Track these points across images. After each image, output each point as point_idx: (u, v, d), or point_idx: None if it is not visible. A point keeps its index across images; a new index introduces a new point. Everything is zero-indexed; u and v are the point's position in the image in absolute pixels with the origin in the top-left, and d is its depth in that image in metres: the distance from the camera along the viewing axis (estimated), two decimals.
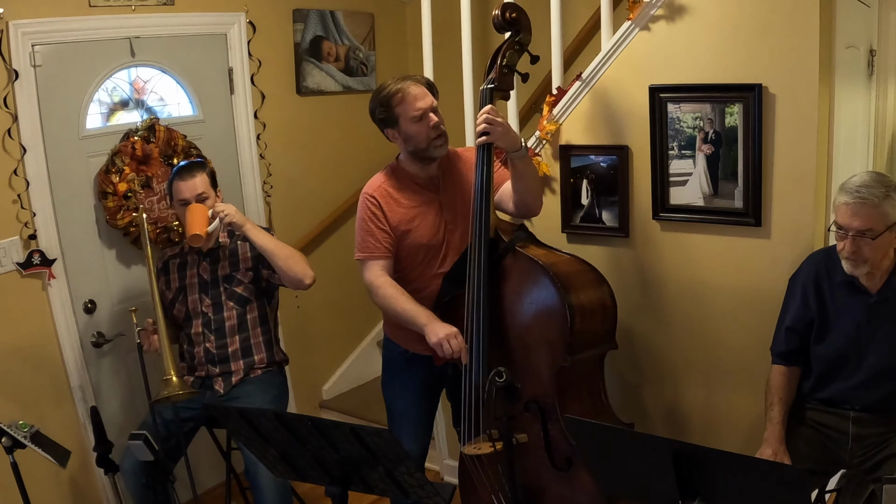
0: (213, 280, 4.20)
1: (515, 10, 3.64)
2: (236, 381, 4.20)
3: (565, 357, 3.49)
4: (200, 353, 4.20)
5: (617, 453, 2.83)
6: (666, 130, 3.89)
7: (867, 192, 3.11)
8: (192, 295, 4.20)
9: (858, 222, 3.12)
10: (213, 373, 4.19)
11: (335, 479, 2.87)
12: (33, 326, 4.32)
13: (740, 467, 2.54)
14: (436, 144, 3.70)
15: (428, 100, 3.66)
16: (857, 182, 3.17)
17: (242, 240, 4.20)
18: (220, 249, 4.22)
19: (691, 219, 3.93)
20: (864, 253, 3.16)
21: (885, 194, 3.11)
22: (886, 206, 3.11)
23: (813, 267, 3.46)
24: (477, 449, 3.57)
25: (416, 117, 3.64)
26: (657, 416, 4.27)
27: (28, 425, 3.45)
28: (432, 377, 4.00)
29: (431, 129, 3.66)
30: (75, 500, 4.52)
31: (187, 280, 4.22)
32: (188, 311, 4.20)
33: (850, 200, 3.14)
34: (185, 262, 4.25)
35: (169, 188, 4.16)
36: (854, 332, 3.33)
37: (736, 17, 3.65)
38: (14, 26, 4.08)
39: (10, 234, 4.18)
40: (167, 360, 3.89)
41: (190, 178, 4.08)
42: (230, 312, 4.20)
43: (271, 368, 4.32)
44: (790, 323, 3.51)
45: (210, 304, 4.19)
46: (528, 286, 3.59)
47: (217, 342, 4.19)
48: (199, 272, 4.21)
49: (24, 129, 4.19)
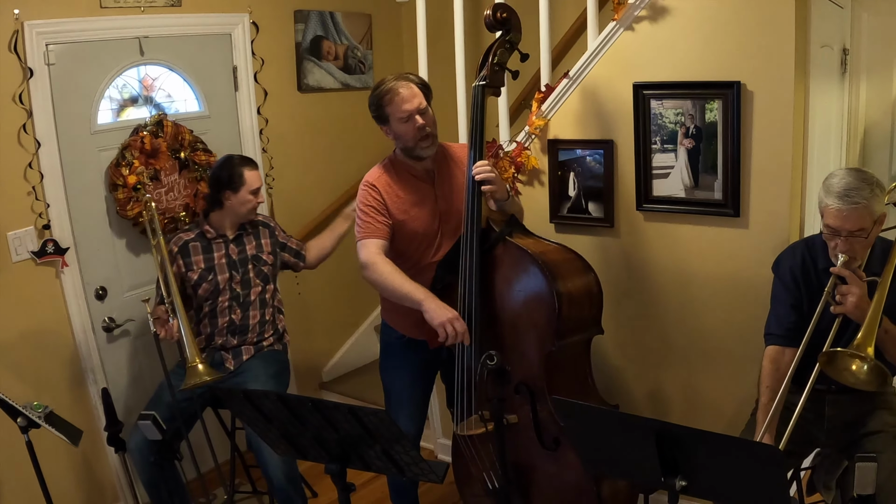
0: (241, 259, 4.37)
1: (506, 11, 3.63)
2: (247, 358, 4.34)
3: (553, 341, 3.49)
4: (225, 323, 4.32)
5: (603, 433, 2.82)
6: (649, 126, 3.88)
7: (857, 196, 3.04)
8: (221, 274, 4.31)
9: (850, 225, 3.07)
10: (231, 343, 4.31)
11: (334, 457, 2.86)
12: (47, 312, 4.31)
13: (720, 446, 2.54)
14: (422, 145, 3.69)
15: (416, 102, 3.63)
16: (842, 185, 3.08)
17: (263, 225, 4.48)
18: (244, 235, 4.41)
19: (673, 210, 3.93)
20: (858, 250, 3.13)
21: (872, 193, 3.06)
22: (873, 205, 3.07)
23: (797, 256, 3.41)
24: (469, 429, 3.58)
25: (402, 118, 3.64)
26: (641, 398, 4.27)
27: (42, 406, 3.44)
28: (427, 360, 4.01)
29: (417, 130, 3.65)
30: (87, 477, 4.52)
31: (215, 261, 4.32)
32: (216, 287, 4.29)
33: (841, 206, 3.05)
34: (209, 245, 4.33)
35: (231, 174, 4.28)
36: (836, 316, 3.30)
37: (715, 18, 3.64)
38: (29, 26, 4.06)
39: (25, 225, 4.18)
40: (191, 348, 3.93)
41: (254, 168, 4.37)
42: (256, 288, 4.39)
43: (277, 347, 4.47)
44: (791, 301, 3.38)
45: (239, 281, 4.35)
46: (518, 274, 3.58)
47: (242, 314, 4.34)
48: (228, 253, 4.35)
49: (39, 124, 4.17)
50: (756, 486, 2.57)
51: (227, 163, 4.33)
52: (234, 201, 4.28)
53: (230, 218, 4.35)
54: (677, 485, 2.58)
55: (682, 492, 2.60)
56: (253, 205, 4.33)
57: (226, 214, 4.34)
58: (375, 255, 3.70)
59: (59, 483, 4.20)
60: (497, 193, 3.61)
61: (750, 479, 2.55)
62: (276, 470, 4.02)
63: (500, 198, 3.65)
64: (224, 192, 4.28)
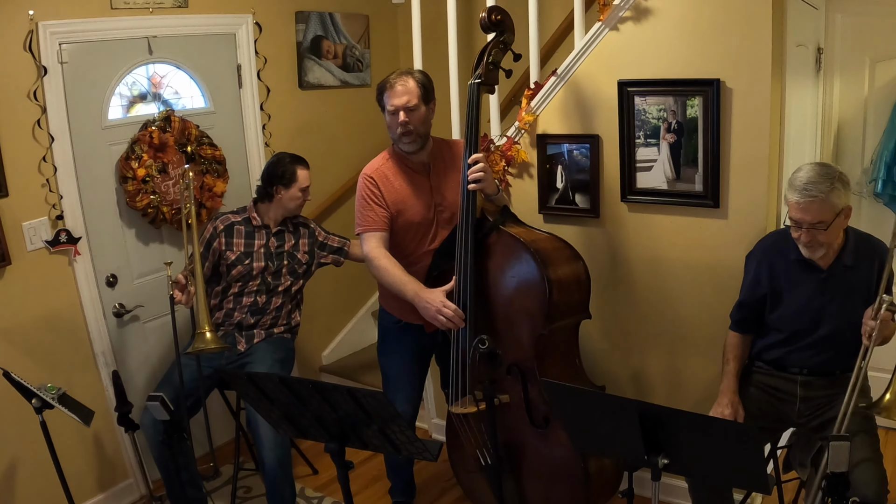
0: (278, 253, 4.43)
1: (500, 13, 3.63)
2: (257, 341, 4.36)
3: (544, 325, 3.49)
4: (249, 302, 4.37)
5: (589, 413, 2.82)
6: (633, 121, 3.88)
7: (815, 189, 3.06)
8: (257, 262, 4.36)
9: (810, 217, 3.09)
10: (248, 322, 4.36)
11: (334, 436, 2.86)
12: (60, 298, 4.30)
13: (700, 426, 2.54)
14: (403, 140, 3.71)
15: (405, 99, 3.65)
16: (803, 179, 3.11)
17: (303, 226, 4.55)
18: (285, 232, 4.47)
19: (656, 201, 3.93)
20: (820, 240, 3.15)
21: (831, 187, 3.07)
22: (833, 198, 3.07)
23: (768, 246, 3.45)
24: (463, 408, 3.58)
25: (390, 111, 3.69)
26: (625, 380, 4.27)
27: (56, 388, 3.44)
28: (423, 344, 4.02)
29: (400, 125, 3.67)
30: (98, 455, 4.51)
31: (254, 248, 4.37)
32: (250, 272, 4.35)
33: (800, 199, 3.09)
34: (252, 232, 4.40)
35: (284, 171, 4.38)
36: (806, 305, 3.32)
37: (696, 19, 3.64)
38: (43, 27, 4.04)
39: (39, 215, 4.16)
40: (202, 315, 3.91)
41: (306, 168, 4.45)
42: (286, 282, 4.45)
43: (287, 335, 4.50)
44: (743, 297, 3.51)
45: (272, 272, 4.40)
46: (510, 261, 3.57)
47: (266, 299, 4.39)
48: (268, 245, 4.40)
49: (53, 120, 4.16)
50: (734, 463, 2.58)
51: (280, 160, 4.41)
52: (284, 196, 4.37)
53: (276, 211, 4.43)
54: (660, 462, 2.60)
55: (665, 469, 2.61)
56: (301, 201, 4.42)
57: (273, 207, 4.42)
58: (376, 250, 3.72)
59: (72, 461, 4.18)
60: (487, 189, 3.61)
61: (728, 457, 2.56)
62: (270, 453, 4.01)
63: (490, 192, 3.65)
64: (276, 186, 4.36)
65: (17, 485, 4.14)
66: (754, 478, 2.56)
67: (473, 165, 3.52)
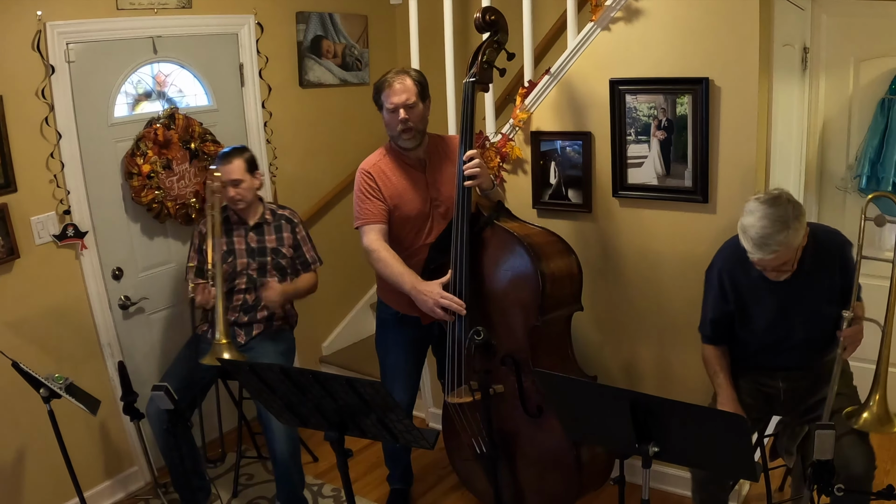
0: (260, 249, 4.28)
1: (494, 14, 3.62)
2: (256, 333, 4.29)
3: (537, 317, 3.48)
4: (238, 301, 4.26)
5: (582, 402, 2.82)
6: (624, 118, 3.87)
7: (774, 244, 2.90)
8: (240, 259, 4.25)
9: (774, 263, 3.00)
10: (242, 320, 4.26)
11: (333, 425, 2.85)
12: (67, 291, 4.29)
13: (689, 414, 2.54)
14: (403, 137, 3.70)
15: (404, 97, 3.64)
16: (759, 232, 2.92)
17: (286, 220, 4.35)
18: (265, 225, 4.31)
19: (646, 196, 3.92)
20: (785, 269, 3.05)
21: (787, 233, 2.90)
22: (792, 240, 2.92)
23: (727, 261, 3.32)
24: (459, 398, 3.58)
25: (390, 109, 3.67)
26: (617, 370, 4.27)
27: (63, 378, 3.43)
28: (420, 335, 4.01)
29: (400, 122, 3.66)
30: (104, 443, 4.50)
31: (235, 245, 4.25)
32: (234, 270, 4.23)
33: (762, 256, 2.95)
34: (231, 229, 4.27)
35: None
36: (774, 319, 3.25)
37: (686, 19, 3.63)
38: (51, 27, 4.03)
39: (47, 210, 4.15)
40: (221, 324, 3.88)
41: (227, 163, 4.15)
42: (272, 276, 4.30)
43: (285, 327, 4.44)
44: (714, 315, 3.39)
45: (256, 268, 4.27)
46: (505, 255, 3.57)
47: (255, 296, 4.26)
48: (248, 241, 4.27)
49: (60, 117, 4.15)
50: (723, 451, 2.58)
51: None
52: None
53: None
54: (650, 450, 2.59)
55: (655, 457, 2.60)
56: (231, 195, 4.17)
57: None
58: (376, 242, 3.72)
59: (79, 449, 4.18)
60: (482, 184, 3.61)
61: (717, 445, 2.56)
62: (282, 445, 4.00)
63: (486, 187, 3.65)
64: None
65: (26, 472, 4.14)
66: (742, 465, 2.56)
67: (469, 161, 3.52)
